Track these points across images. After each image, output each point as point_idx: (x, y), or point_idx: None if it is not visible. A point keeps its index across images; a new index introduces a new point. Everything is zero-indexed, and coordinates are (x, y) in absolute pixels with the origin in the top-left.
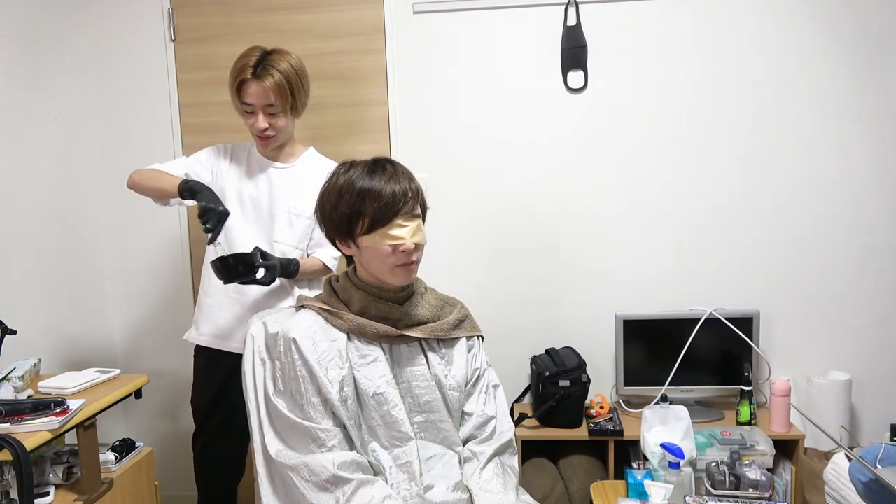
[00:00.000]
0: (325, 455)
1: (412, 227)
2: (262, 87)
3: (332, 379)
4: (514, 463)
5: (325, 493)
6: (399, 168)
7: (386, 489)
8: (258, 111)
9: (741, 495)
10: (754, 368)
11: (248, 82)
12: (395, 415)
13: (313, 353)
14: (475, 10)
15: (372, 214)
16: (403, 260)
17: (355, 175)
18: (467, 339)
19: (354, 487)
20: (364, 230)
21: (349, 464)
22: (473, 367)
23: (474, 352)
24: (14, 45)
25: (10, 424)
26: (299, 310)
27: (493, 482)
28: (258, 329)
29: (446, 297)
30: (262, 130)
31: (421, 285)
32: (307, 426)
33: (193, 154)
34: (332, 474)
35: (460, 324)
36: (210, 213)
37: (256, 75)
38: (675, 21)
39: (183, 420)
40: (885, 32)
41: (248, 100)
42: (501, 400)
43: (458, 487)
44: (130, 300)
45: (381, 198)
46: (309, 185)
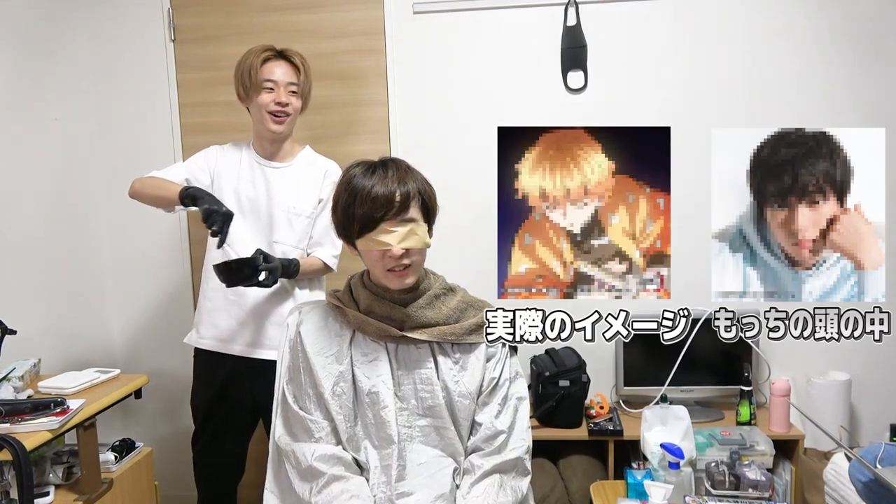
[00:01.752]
0: (309, 445)
1: (401, 233)
2: (287, 65)
3: (328, 373)
4: (520, 485)
5: (304, 482)
6: (402, 170)
7: (357, 489)
8: (280, 87)
9: (741, 495)
10: (754, 368)
11: (274, 59)
12: (384, 416)
13: (314, 345)
14: (475, 10)
15: (360, 219)
16: (392, 265)
17: (354, 176)
18: (488, 346)
19: (326, 481)
20: (356, 233)
21: (328, 457)
22: (491, 376)
23: (495, 360)
24: (14, 46)
25: (10, 424)
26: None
27: (480, 499)
28: (294, 318)
29: (473, 300)
30: (284, 105)
31: (438, 287)
32: (301, 415)
33: (189, 158)
34: (309, 465)
35: (479, 328)
36: (215, 216)
37: (281, 55)
38: (674, 21)
39: (183, 420)
40: (886, 32)
41: (273, 76)
42: (523, 415)
43: (441, 498)
44: (130, 300)
45: (367, 201)
46: (307, 184)
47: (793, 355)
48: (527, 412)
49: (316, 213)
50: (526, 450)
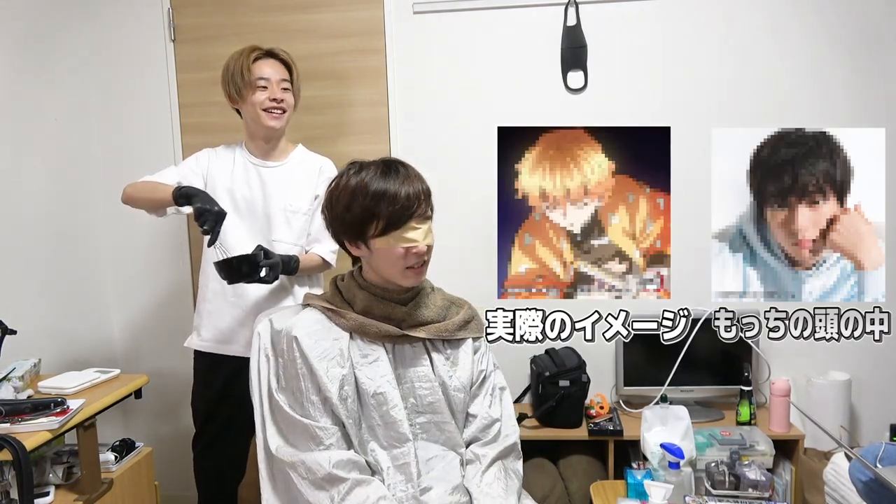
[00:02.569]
0: (322, 453)
1: (424, 230)
2: (277, 62)
3: (333, 377)
4: (517, 467)
5: (320, 491)
6: (411, 170)
7: (381, 490)
8: (273, 83)
9: (741, 495)
10: (754, 368)
11: (264, 58)
12: (395, 415)
13: (314, 350)
14: (475, 10)
15: (387, 217)
16: (414, 262)
17: (368, 177)
18: (473, 340)
19: (349, 487)
20: (377, 232)
21: (345, 463)
22: (479, 369)
23: (481, 353)
24: (14, 45)
25: (10, 424)
26: (305, 308)
27: (495, 486)
28: (265, 326)
29: (453, 298)
30: (279, 101)
31: (427, 285)
32: (306, 423)
33: (182, 162)
34: (328, 472)
35: (466, 325)
36: (207, 215)
37: (270, 53)
38: (674, 21)
39: (183, 420)
40: (886, 32)
41: (264, 74)
42: (508, 403)
43: (457, 490)
44: (130, 300)
45: (397, 200)
46: (302, 182)
47: (793, 355)
48: (510, 399)
49: (312, 210)
50: (518, 434)
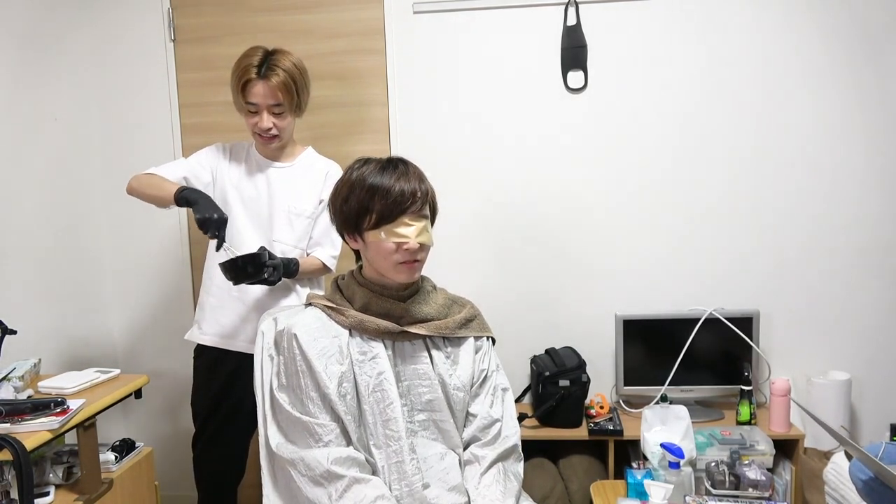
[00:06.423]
0: (321, 450)
1: (418, 227)
2: (267, 87)
3: (332, 374)
4: (517, 469)
5: (319, 487)
6: (411, 168)
7: (380, 488)
8: (262, 110)
9: (741, 495)
10: (754, 368)
11: (254, 82)
12: (391, 413)
13: (313, 348)
14: (475, 10)
15: (379, 211)
16: (406, 258)
17: (367, 171)
18: (475, 339)
19: (347, 484)
20: (370, 225)
21: (344, 460)
22: (480, 368)
23: (482, 352)
24: (14, 45)
25: (10, 424)
26: (307, 307)
27: (493, 488)
28: (268, 325)
29: (456, 298)
30: (266, 130)
31: (429, 284)
32: (305, 420)
33: (192, 155)
34: (326, 469)
35: (468, 323)
36: (208, 224)
37: (261, 75)
38: (674, 21)
39: (183, 420)
40: (886, 32)
41: (254, 100)
42: (510, 404)
43: (455, 490)
44: (130, 300)
45: (390, 195)
46: (307, 185)
47: (793, 355)
48: (512, 400)
49: (316, 214)
50: (519, 436)
